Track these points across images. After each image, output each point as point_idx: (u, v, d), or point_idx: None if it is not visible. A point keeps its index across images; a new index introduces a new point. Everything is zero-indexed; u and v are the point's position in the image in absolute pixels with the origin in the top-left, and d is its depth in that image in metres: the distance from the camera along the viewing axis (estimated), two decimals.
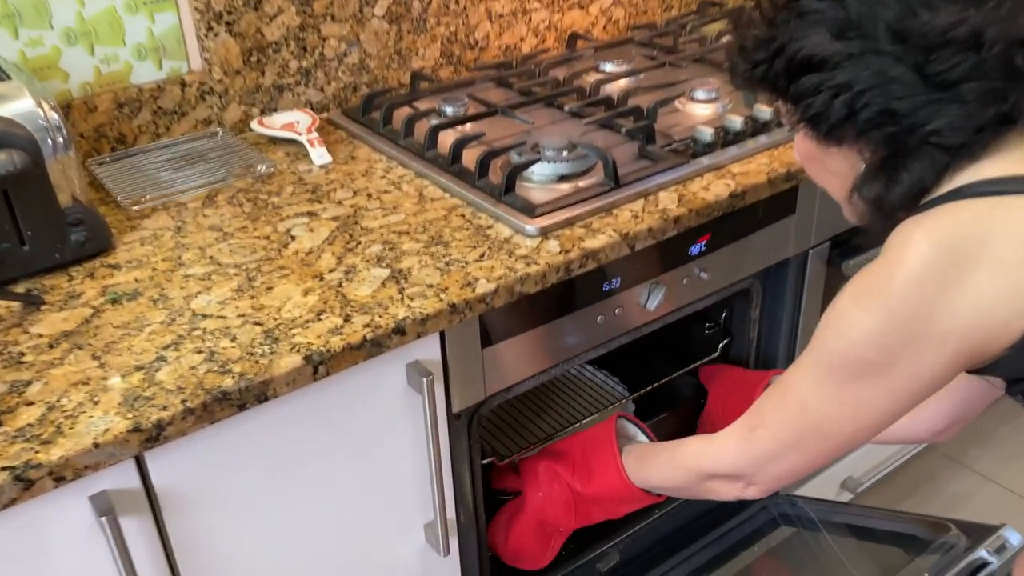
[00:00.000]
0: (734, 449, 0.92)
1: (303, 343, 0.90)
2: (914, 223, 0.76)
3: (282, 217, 1.16)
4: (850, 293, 0.78)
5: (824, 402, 0.82)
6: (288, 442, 0.93)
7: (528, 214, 1.10)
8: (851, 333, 0.77)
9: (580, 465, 1.14)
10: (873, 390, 0.79)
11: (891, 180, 0.80)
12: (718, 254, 1.23)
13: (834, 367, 0.80)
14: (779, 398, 0.87)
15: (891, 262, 0.76)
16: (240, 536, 0.94)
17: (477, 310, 0.98)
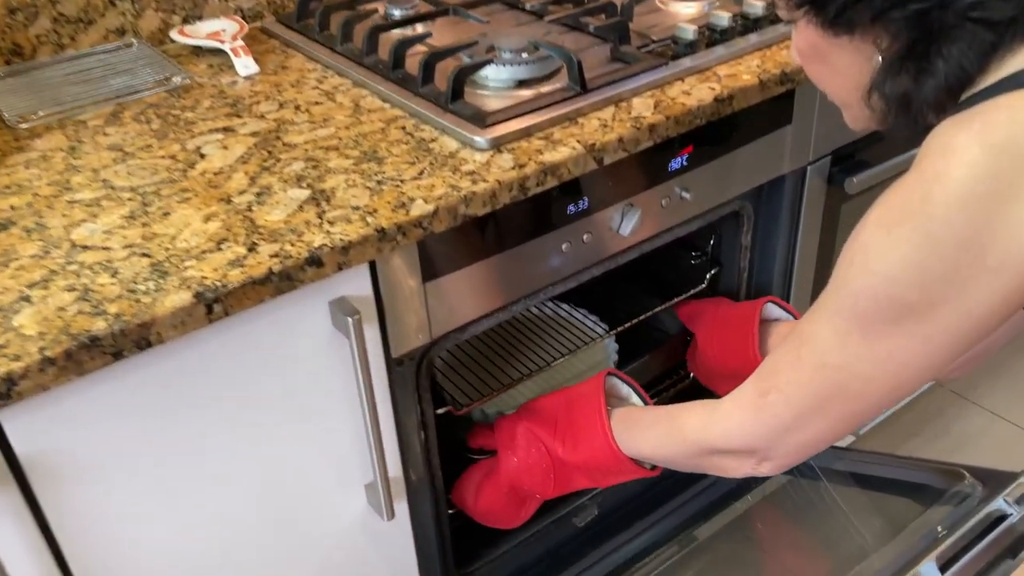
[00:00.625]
0: (743, 419, 0.77)
1: (195, 277, 0.75)
2: (957, 124, 0.61)
3: (193, 134, 0.99)
4: (877, 219, 0.63)
5: (850, 358, 0.67)
6: (187, 398, 0.78)
7: (478, 124, 0.93)
8: (881, 269, 0.62)
9: (563, 427, 0.98)
10: (910, 339, 0.64)
11: (922, 71, 0.65)
12: (702, 170, 1.07)
13: (861, 314, 0.65)
14: (795, 355, 0.72)
15: (929, 175, 0.60)
16: (137, 511, 0.79)
17: (413, 236, 0.83)
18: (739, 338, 1.12)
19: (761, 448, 0.77)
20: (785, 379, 0.73)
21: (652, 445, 0.90)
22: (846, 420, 0.72)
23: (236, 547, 0.88)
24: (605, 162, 0.93)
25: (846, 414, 0.71)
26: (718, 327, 1.19)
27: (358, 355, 0.83)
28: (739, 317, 1.15)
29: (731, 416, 0.79)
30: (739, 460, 0.80)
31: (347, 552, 0.98)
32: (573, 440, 0.96)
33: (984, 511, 1.01)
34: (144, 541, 0.81)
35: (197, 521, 0.84)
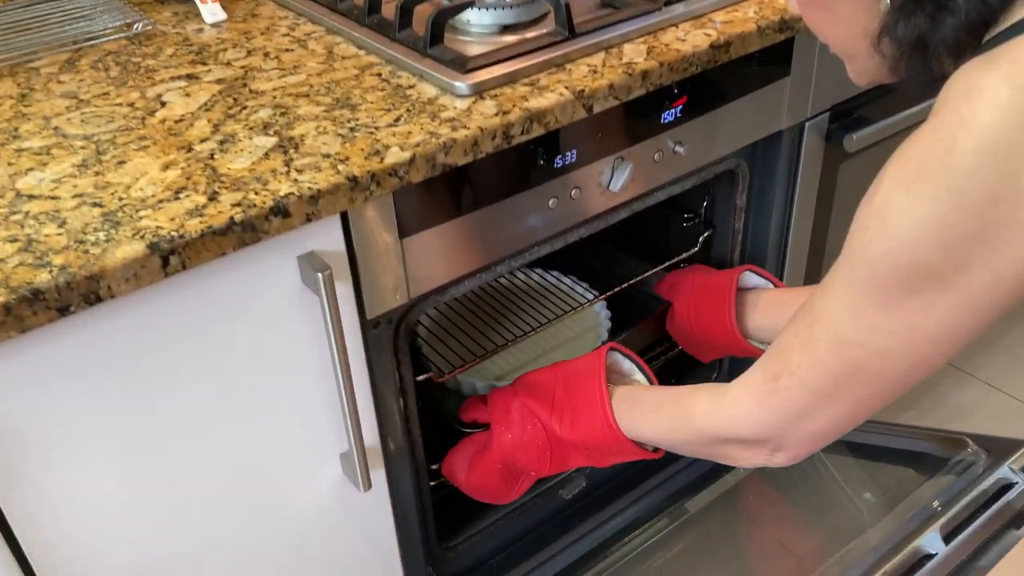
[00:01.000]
0: (754, 406, 0.71)
1: (150, 227, 0.68)
2: (980, 66, 0.54)
3: (155, 82, 0.93)
4: (893, 176, 0.57)
5: (868, 333, 0.61)
6: (143, 358, 0.72)
7: (459, 69, 0.87)
8: (900, 232, 0.56)
9: (561, 403, 0.92)
10: (935, 308, 0.58)
11: (940, 8, 0.58)
12: (696, 123, 1.01)
13: (878, 283, 0.59)
14: (807, 333, 0.66)
15: (952, 122, 0.54)
16: (90, 485, 0.73)
17: (388, 186, 0.77)
18: (716, 308, 1.07)
19: (774, 436, 0.71)
20: (797, 360, 0.67)
21: (657, 429, 0.84)
22: (865, 403, 0.66)
23: (202, 520, 0.83)
24: (595, 110, 0.87)
25: (864, 396, 0.65)
26: (695, 296, 1.13)
27: (330, 314, 0.77)
28: (716, 286, 1.10)
29: (740, 403, 0.73)
30: (751, 450, 0.75)
31: (322, 524, 0.93)
32: (571, 417, 0.91)
33: (990, 479, 0.98)
34: (101, 515, 0.76)
35: (158, 493, 0.78)
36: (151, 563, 0.80)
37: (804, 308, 0.67)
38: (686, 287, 1.16)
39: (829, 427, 0.69)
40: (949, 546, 0.92)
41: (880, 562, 0.92)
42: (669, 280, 1.20)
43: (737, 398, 0.73)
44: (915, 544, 0.92)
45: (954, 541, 0.93)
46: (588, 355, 0.94)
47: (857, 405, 0.66)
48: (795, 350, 0.67)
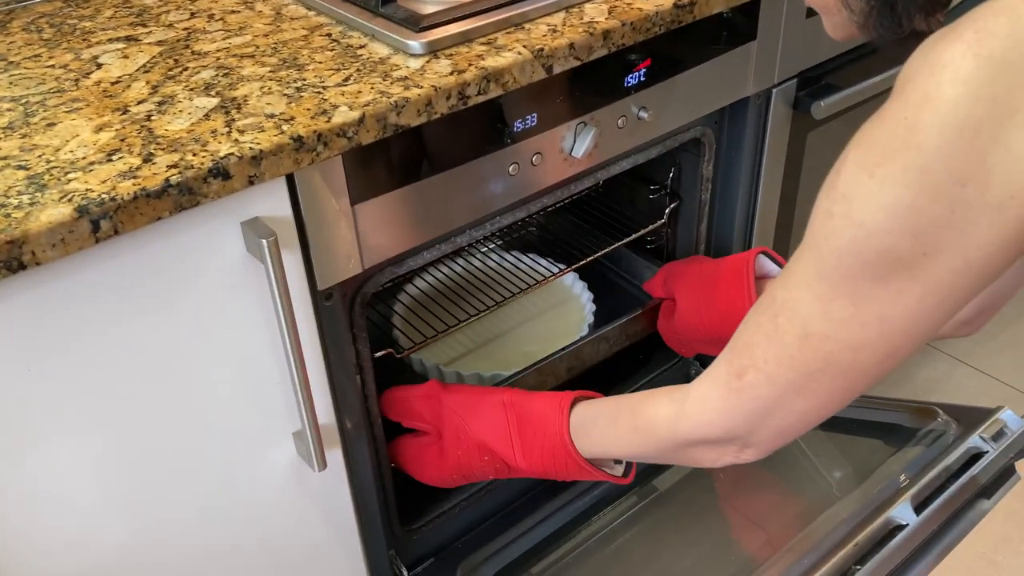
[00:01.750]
0: (720, 405, 0.68)
1: (79, 190, 0.64)
2: (946, 36, 0.51)
3: (91, 43, 0.88)
4: (856, 160, 0.54)
5: (836, 324, 0.59)
6: (75, 330, 0.67)
7: (412, 27, 0.83)
8: (866, 218, 0.53)
9: (517, 439, 0.88)
10: (905, 298, 0.55)
11: None
12: (661, 87, 0.98)
13: (846, 273, 0.56)
14: (771, 325, 0.63)
15: (916, 99, 0.51)
16: (20, 469, 0.69)
17: (336, 147, 0.73)
18: (732, 297, 1.01)
19: (743, 435, 0.69)
20: (763, 355, 0.64)
21: (618, 444, 0.81)
22: (836, 396, 0.63)
23: (153, 504, 0.78)
24: (555, 70, 0.84)
25: (835, 389, 0.62)
26: (704, 287, 1.06)
27: (276, 283, 0.73)
28: (729, 273, 1.03)
29: (705, 403, 0.70)
30: (719, 450, 0.72)
31: (279, 507, 0.89)
32: (527, 451, 0.87)
33: (961, 448, 0.96)
34: (39, 505, 0.71)
35: (101, 479, 0.74)
36: (101, 552, 0.76)
37: (765, 298, 0.64)
38: (690, 279, 1.09)
39: (799, 422, 0.66)
40: (920, 516, 0.91)
41: (851, 534, 0.90)
42: (663, 274, 1.14)
43: (701, 399, 0.70)
44: (886, 515, 0.90)
45: (925, 511, 0.91)
46: (547, 400, 0.88)
47: (828, 398, 0.63)
48: (760, 344, 0.64)
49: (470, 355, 1.19)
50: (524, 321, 1.23)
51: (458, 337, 1.21)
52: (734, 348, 0.67)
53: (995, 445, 0.97)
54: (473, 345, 1.20)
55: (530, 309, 1.26)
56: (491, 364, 1.16)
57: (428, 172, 0.83)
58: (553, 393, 0.89)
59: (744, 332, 0.66)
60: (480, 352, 1.19)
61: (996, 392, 1.74)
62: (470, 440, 0.91)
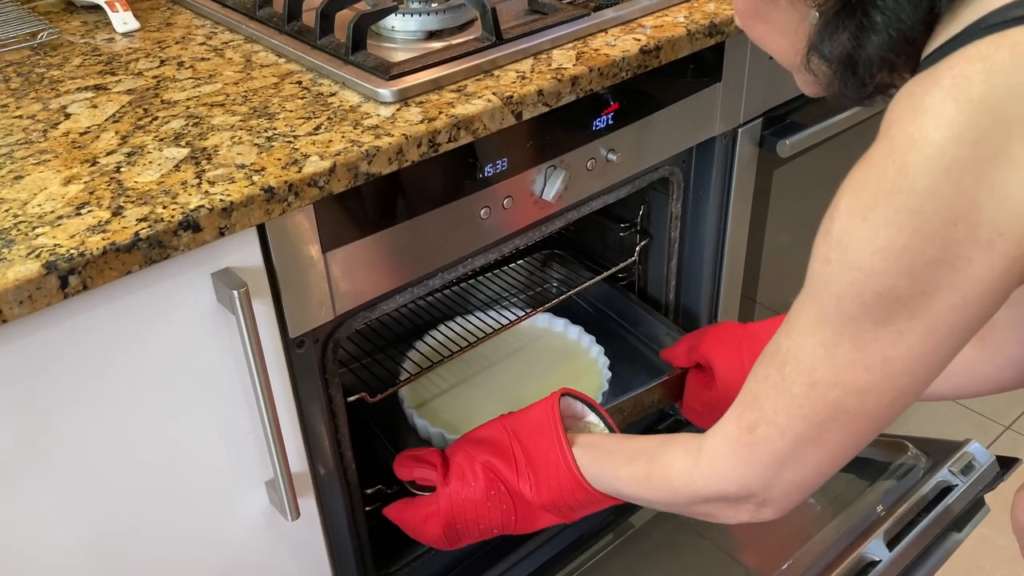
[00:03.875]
0: (733, 461, 0.67)
1: (47, 245, 0.64)
2: (923, 83, 0.53)
3: (59, 93, 0.87)
4: (848, 206, 0.55)
5: (842, 370, 0.59)
6: (45, 387, 0.67)
7: (382, 75, 0.84)
8: (864, 262, 0.54)
9: (522, 463, 0.86)
10: (907, 338, 0.56)
11: (861, 27, 0.58)
12: (629, 130, 1.00)
13: (847, 317, 0.57)
14: (777, 376, 0.63)
15: (902, 143, 0.53)
16: None
17: (307, 197, 0.73)
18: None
19: (759, 491, 0.67)
20: (772, 407, 0.63)
21: (630, 486, 0.79)
22: (848, 443, 0.63)
23: (115, 557, 0.77)
24: (524, 117, 0.85)
25: (847, 436, 0.62)
26: (749, 350, 0.99)
27: (248, 334, 0.72)
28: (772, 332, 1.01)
29: (718, 460, 0.68)
30: (736, 507, 0.70)
31: (251, 558, 0.88)
32: (535, 478, 0.84)
33: (930, 483, 0.97)
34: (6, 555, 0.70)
35: (64, 529, 0.73)
36: None
37: (770, 349, 0.64)
38: (731, 344, 1.01)
39: (814, 473, 0.65)
40: (893, 552, 0.91)
41: (826, 571, 0.90)
42: (688, 343, 1.08)
43: (715, 455, 0.69)
44: (860, 551, 0.91)
45: (897, 547, 0.92)
46: (538, 404, 0.88)
47: (840, 446, 0.63)
48: (768, 396, 0.63)
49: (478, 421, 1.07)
50: (537, 387, 1.18)
51: (464, 399, 1.16)
52: (743, 401, 0.66)
53: (964, 479, 0.98)
54: (483, 411, 1.15)
55: (546, 375, 1.21)
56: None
57: (399, 218, 0.84)
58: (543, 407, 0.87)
59: (752, 384, 0.65)
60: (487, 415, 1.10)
61: (964, 419, 1.77)
62: (480, 467, 0.87)
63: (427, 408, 1.15)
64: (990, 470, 0.99)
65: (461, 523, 0.88)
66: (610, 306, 1.30)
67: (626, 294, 1.28)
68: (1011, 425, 1.77)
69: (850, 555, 0.91)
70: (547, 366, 1.22)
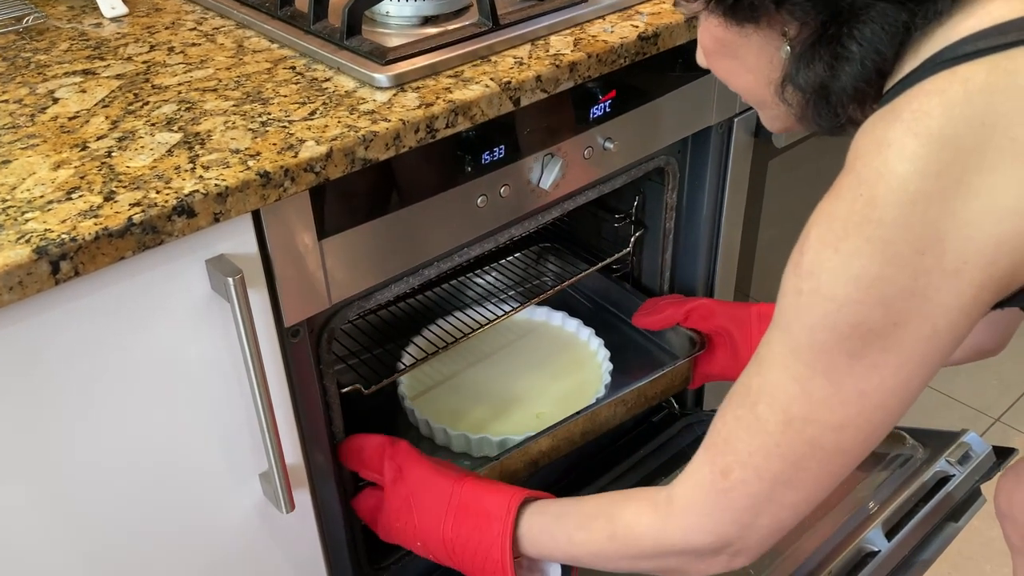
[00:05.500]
0: (707, 510, 0.64)
1: (37, 230, 0.62)
2: (885, 117, 0.54)
3: (46, 77, 0.85)
4: (819, 237, 0.55)
5: (817, 405, 0.58)
6: (30, 374, 0.65)
7: (378, 60, 0.82)
8: (836, 292, 0.54)
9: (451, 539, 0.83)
10: (880, 369, 0.56)
11: (838, 57, 0.59)
12: (626, 118, 0.99)
13: (820, 350, 0.56)
14: (749, 416, 0.61)
15: (868, 176, 0.54)
16: None
17: (303, 182, 0.71)
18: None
19: (733, 539, 0.64)
20: (747, 448, 0.61)
21: (589, 550, 0.73)
22: (823, 483, 0.61)
23: (107, 548, 0.75)
24: (522, 103, 0.84)
25: (823, 475, 0.60)
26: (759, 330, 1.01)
27: (243, 322, 0.71)
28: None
29: (692, 510, 0.65)
30: (709, 559, 0.67)
31: (244, 551, 0.86)
32: (460, 548, 0.82)
33: (929, 472, 0.97)
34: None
35: (55, 521, 0.71)
36: None
37: (738, 390, 0.62)
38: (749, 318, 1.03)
39: (791, 516, 0.63)
40: (892, 542, 0.91)
41: (825, 562, 0.90)
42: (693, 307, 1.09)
43: (686, 505, 0.65)
44: (858, 542, 0.90)
45: (896, 536, 0.91)
46: (496, 497, 0.80)
47: (816, 487, 0.61)
48: (741, 437, 0.61)
49: (478, 415, 1.12)
50: (537, 381, 1.17)
51: (465, 394, 1.15)
52: (712, 445, 0.64)
53: (961, 469, 0.98)
54: (484, 405, 1.14)
55: (544, 368, 1.19)
56: (501, 427, 1.10)
57: (396, 205, 0.82)
58: (506, 489, 0.82)
59: (722, 428, 0.63)
60: (490, 413, 1.12)
61: (954, 412, 1.77)
62: (409, 519, 0.86)
63: (425, 400, 1.14)
64: (986, 460, 0.99)
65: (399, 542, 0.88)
66: (607, 298, 1.29)
67: (623, 285, 1.27)
68: (1000, 417, 1.77)
69: (849, 545, 0.90)
70: (546, 358, 1.21)
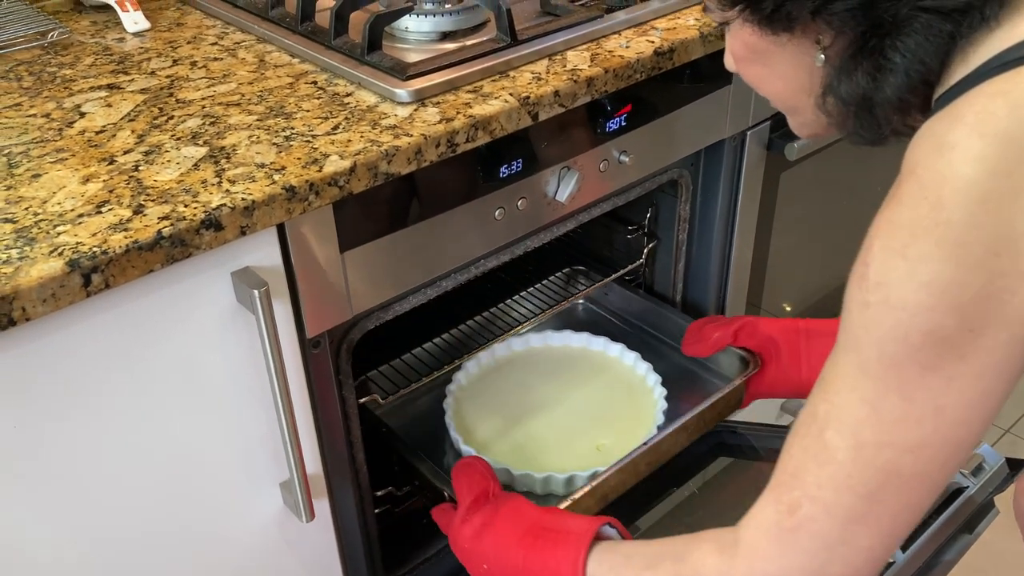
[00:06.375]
0: (774, 551, 0.59)
1: (69, 243, 0.63)
2: (943, 121, 0.53)
3: (72, 92, 0.87)
4: (884, 246, 0.52)
5: (891, 426, 0.53)
6: (65, 385, 0.66)
7: (399, 75, 0.84)
8: (907, 300, 0.51)
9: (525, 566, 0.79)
10: (957, 381, 0.52)
11: (880, 68, 0.58)
12: (641, 132, 1.00)
13: (891, 364, 0.52)
14: (816, 445, 0.57)
15: (931, 180, 0.51)
16: (6, 522, 0.67)
17: (328, 196, 0.73)
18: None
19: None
20: (815, 480, 0.56)
21: None
22: (901, 518, 0.56)
23: (131, 556, 0.76)
24: (540, 118, 0.85)
25: (901, 508, 0.56)
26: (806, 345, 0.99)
27: (267, 333, 0.72)
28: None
29: (757, 551, 0.61)
30: None
31: (263, 558, 0.87)
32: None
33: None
34: (19, 557, 0.69)
35: (81, 530, 0.72)
36: None
37: (804, 418, 0.58)
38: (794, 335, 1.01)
39: (866, 561, 0.58)
40: (906, 553, 0.91)
41: None
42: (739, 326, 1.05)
43: (753, 547, 0.61)
44: None
45: (911, 548, 0.92)
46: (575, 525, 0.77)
47: (893, 523, 0.57)
48: (809, 468, 0.57)
49: (536, 450, 1.06)
50: (590, 410, 1.11)
51: (519, 428, 1.08)
52: (780, 483, 0.59)
53: (975, 480, 0.98)
54: (540, 439, 1.08)
55: (594, 396, 1.14)
56: (563, 461, 1.04)
57: (416, 218, 0.84)
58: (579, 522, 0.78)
59: (788, 461, 0.59)
60: (548, 447, 1.06)
61: None
62: (486, 539, 0.83)
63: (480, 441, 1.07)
64: (1000, 472, 0.99)
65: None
66: (644, 319, 1.24)
67: (661, 305, 1.22)
68: (1010, 428, 1.78)
69: None
70: (594, 385, 1.15)
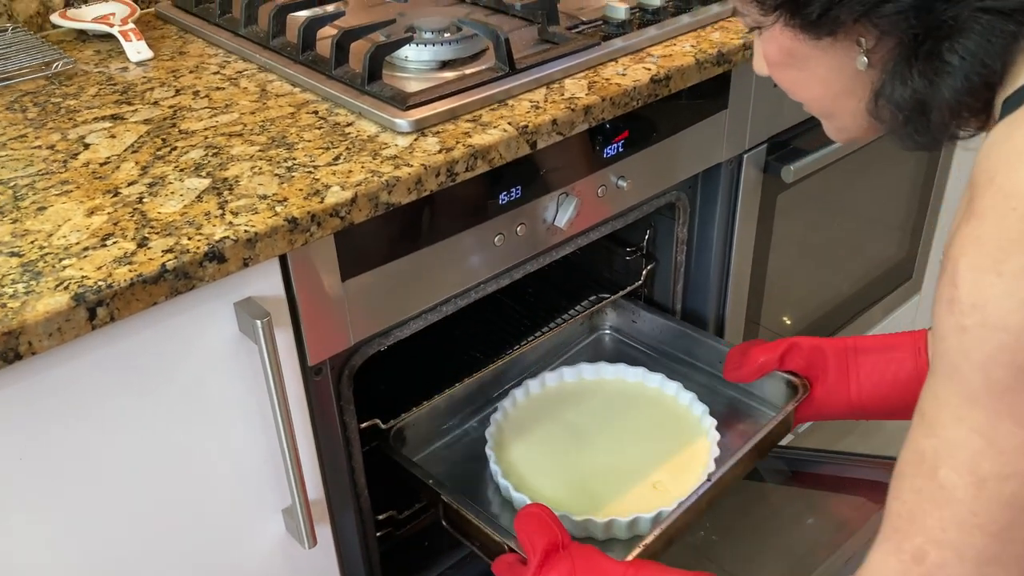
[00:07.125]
0: None
1: (75, 277, 0.64)
2: (1017, 126, 0.51)
3: (76, 123, 0.88)
4: (973, 265, 0.49)
5: (1010, 456, 0.50)
6: (71, 418, 0.67)
7: (399, 105, 0.85)
8: (1008, 318, 0.48)
9: None
10: None
11: (937, 71, 0.56)
12: (638, 157, 1.01)
13: (997, 388, 0.49)
14: (931, 486, 0.53)
15: (1014, 190, 0.48)
16: (10, 551, 0.68)
17: (329, 227, 0.74)
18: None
19: None
20: (938, 524, 0.53)
21: None
22: None
23: None
24: (538, 146, 0.86)
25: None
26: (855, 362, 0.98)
27: (269, 363, 0.73)
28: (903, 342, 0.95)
29: None
30: None
31: None
32: None
33: None
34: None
35: (87, 555, 0.72)
36: None
37: (909, 457, 0.54)
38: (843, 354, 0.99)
39: None
40: None
41: None
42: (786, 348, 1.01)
43: None
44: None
45: None
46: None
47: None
48: (928, 511, 0.53)
49: (587, 491, 1.01)
50: (639, 446, 1.06)
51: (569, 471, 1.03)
52: (896, 529, 0.55)
53: None
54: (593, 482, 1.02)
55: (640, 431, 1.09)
56: (616, 501, 1.00)
57: (416, 245, 0.84)
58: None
59: (900, 508, 0.55)
60: (598, 486, 1.01)
61: None
62: None
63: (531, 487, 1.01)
64: None
65: None
66: (676, 346, 1.20)
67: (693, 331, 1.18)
68: None
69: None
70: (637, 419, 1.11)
